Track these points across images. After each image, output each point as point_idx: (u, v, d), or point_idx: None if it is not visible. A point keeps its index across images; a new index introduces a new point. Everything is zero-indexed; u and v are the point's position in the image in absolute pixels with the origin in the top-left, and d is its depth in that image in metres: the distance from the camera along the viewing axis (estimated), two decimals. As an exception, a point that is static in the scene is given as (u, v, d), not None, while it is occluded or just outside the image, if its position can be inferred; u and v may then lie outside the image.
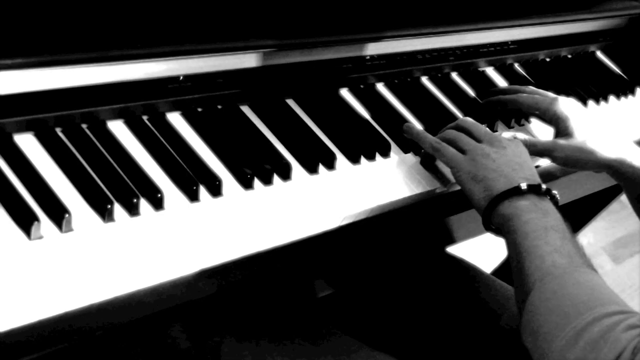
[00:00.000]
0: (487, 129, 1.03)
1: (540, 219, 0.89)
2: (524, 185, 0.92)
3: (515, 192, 0.92)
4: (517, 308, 0.87)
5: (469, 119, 1.05)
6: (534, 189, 0.92)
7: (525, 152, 1.00)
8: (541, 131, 1.22)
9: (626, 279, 2.57)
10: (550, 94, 1.18)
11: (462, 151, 0.99)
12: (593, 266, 0.87)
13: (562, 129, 1.12)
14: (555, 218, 0.90)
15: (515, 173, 0.94)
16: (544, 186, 0.93)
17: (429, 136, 1.03)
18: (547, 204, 0.92)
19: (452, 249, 1.32)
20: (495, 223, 0.94)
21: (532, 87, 1.22)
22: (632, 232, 2.75)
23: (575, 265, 0.85)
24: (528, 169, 0.96)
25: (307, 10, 1.07)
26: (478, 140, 1.00)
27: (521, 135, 1.10)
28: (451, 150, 1.00)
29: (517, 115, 1.23)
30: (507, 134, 1.10)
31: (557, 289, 0.82)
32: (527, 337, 0.83)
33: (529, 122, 1.25)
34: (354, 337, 1.07)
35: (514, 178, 0.94)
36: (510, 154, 0.97)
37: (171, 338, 1.03)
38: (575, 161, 1.10)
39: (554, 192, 0.94)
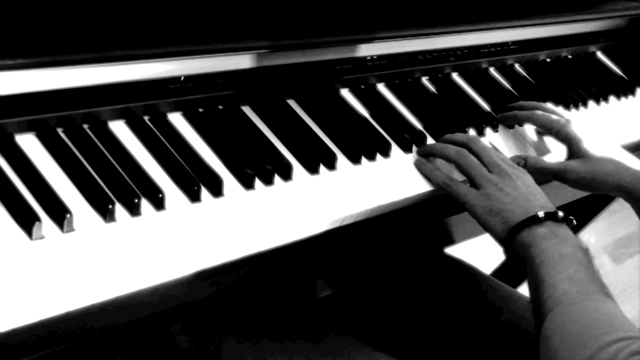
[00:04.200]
0: (497, 153, 1.03)
1: (556, 246, 0.90)
2: (541, 214, 0.93)
3: (533, 220, 0.93)
4: (535, 334, 0.88)
5: (480, 141, 1.05)
6: (551, 216, 0.93)
7: (532, 180, 1.00)
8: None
9: (626, 279, 2.57)
10: (565, 115, 1.18)
11: (471, 181, 1.00)
12: (607, 290, 0.87)
13: (574, 150, 1.11)
14: (572, 244, 0.91)
15: (530, 203, 0.95)
16: (560, 213, 0.94)
17: (441, 174, 1.03)
18: (565, 230, 0.93)
19: (452, 250, 1.32)
20: (515, 252, 0.95)
21: (549, 106, 1.21)
22: (632, 232, 2.75)
23: (587, 293, 0.85)
24: (541, 197, 0.97)
25: (307, 10, 1.07)
26: (488, 170, 1.00)
27: (532, 159, 1.09)
28: (463, 187, 1.00)
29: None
30: (517, 158, 1.09)
31: (567, 319, 0.83)
32: None
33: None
34: (354, 337, 1.08)
35: (530, 207, 0.95)
36: (521, 184, 0.98)
37: (172, 338, 1.03)
38: (587, 183, 1.09)
39: (571, 217, 0.95)
